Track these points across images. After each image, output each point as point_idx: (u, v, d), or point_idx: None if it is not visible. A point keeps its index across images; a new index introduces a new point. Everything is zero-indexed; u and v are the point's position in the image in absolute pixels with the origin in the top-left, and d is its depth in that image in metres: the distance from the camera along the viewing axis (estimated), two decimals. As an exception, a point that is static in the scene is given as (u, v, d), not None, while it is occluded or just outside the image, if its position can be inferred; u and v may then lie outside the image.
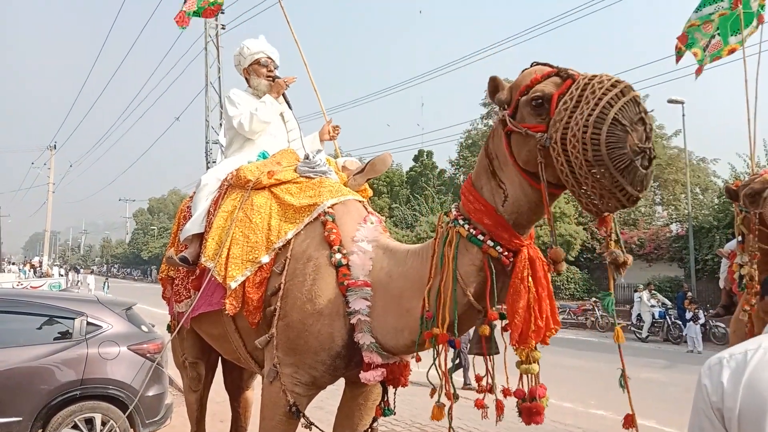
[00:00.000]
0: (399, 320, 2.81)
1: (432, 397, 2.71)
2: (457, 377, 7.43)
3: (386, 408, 3.19)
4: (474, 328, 2.68)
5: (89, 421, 5.21)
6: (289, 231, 3.22)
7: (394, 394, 3.23)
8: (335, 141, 4.43)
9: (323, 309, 2.95)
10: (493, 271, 2.53)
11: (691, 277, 21.68)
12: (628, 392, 2.47)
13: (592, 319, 21.01)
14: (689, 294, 18.88)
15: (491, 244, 2.52)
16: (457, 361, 8.09)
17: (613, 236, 2.33)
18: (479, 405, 2.63)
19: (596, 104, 2.13)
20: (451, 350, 2.67)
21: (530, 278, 2.46)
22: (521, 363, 2.47)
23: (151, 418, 5.44)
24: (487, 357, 2.66)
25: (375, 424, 3.39)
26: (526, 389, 2.48)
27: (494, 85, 2.52)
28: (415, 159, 40.68)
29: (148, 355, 5.51)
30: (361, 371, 2.94)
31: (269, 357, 3.08)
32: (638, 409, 2.58)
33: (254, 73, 4.09)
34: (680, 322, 17.90)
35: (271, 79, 4.08)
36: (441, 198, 34.72)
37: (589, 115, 2.12)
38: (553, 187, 2.37)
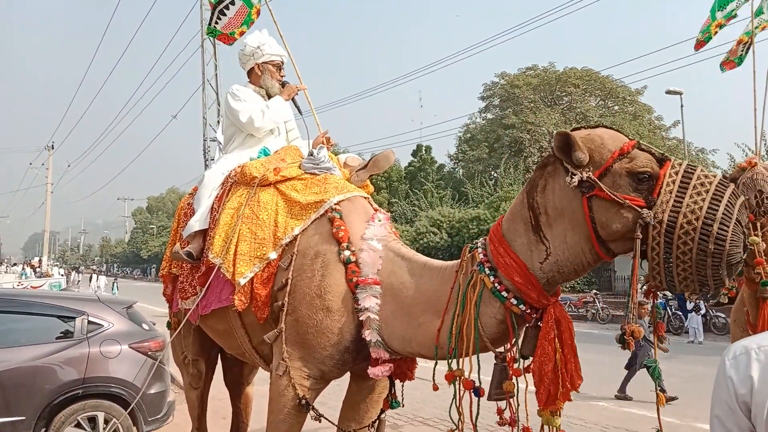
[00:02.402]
0: (408, 330, 2.84)
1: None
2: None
3: (393, 401, 3.24)
4: (494, 375, 2.70)
5: (92, 420, 5.22)
6: (296, 227, 3.23)
7: (402, 387, 3.25)
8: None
9: (332, 305, 2.98)
10: (515, 325, 2.55)
11: (691, 267, 21.66)
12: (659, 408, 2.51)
13: (593, 311, 21.02)
14: (689, 285, 18.89)
15: (514, 302, 2.52)
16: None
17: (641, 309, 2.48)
18: None
19: (716, 199, 2.23)
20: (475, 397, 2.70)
21: (557, 340, 2.46)
22: (543, 415, 2.52)
23: (153, 416, 5.45)
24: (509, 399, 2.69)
25: (383, 416, 3.41)
26: None
27: (566, 141, 2.39)
28: (414, 154, 40.62)
29: (149, 353, 5.51)
30: (369, 366, 2.97)
31: (278, 351, 3.10)
32: (641, 400, 2.60)
33: (267, 73, 4.06)
34: (681, 313, 17.92)
35: (281, 82, 4.08)
36: (440, 193, 34.68)
37: (711, 209, 2.21)
38: (612, 256, 2.45)
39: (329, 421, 3.28)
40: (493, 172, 36.01)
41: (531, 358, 2.56)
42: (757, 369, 1.33)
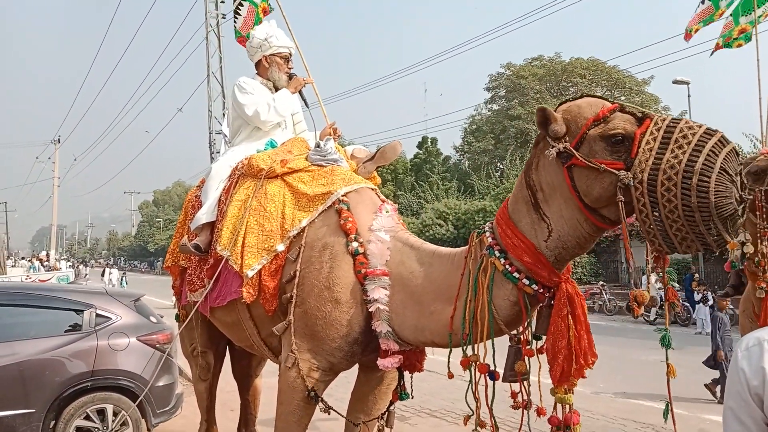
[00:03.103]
0: (420, 319, 2.84)
1: (465, 424, 2.77)
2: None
3: (403, 392, 3.25)
4: (508, 357, 2.70)
5: (101, 412, 5.25)
6: (303, 219, 3.24)
7: (411, 379, 3.25)
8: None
9: (341, 296, 2.98)
10: (528, 305, 2.55)
11: (699, 259, 21.61)
12: (674, 423, 2.52)
13: (600, 302, 20.99)
14: (696, 276, 18.84)
15: (527, 282, 2.52)
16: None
17: (661, 278, 2.44)
18: None
19: (697, 151, 2.16)
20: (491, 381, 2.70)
21: (570, 316, 2.46)
22: (557, 393, 2.52)
23: (162, 408, 5.48)
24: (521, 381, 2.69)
25: (392, 407, 3.42)
26: (561, 417, 2.55)
27: (544, 115, 2.43)
28: (419, 146, 40.54)
29: (157, 345, 5.54)
30: (379, 358, 2.97)
31: (287, 343, 3.11)
32: (647, 390, 2.62)
33: (275, 65, 4.04)
34: (688, 304, 17.88)
35: (288, 74, 4.06)
36: (446, 185, 34.63)
37: (691, 161, 2.15)
38: (609, 223, 2.40)
39: (338, 413, 3.30)
40: (499, 164, 35.93)
41: (544, 339, 2.56)
42: None
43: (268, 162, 3.50)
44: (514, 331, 2.69)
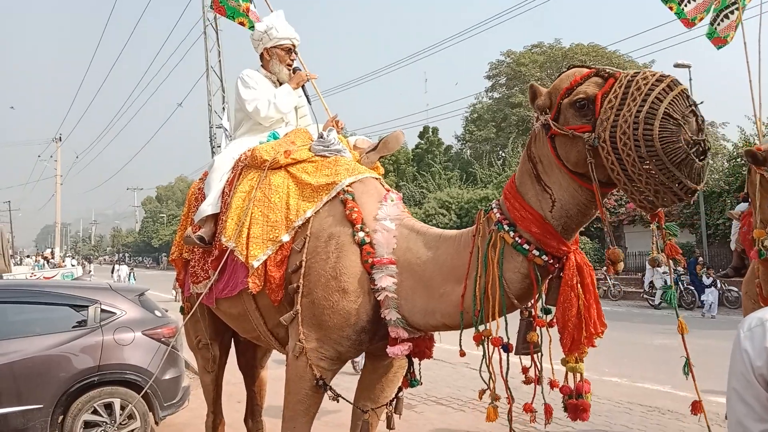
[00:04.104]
0: (430, 302, 2.85)
1: (480, 398, 2.76)
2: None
3: (413, 379, 3.25)
4: (520, 330, 2.71)
5: (108, 406, 5.28)
6: (308, 209, 3.24)
7: (419, 365, 3.27)
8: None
9: (348, 286, 2.99)
10: (539, 277, 2.56)
11: (702, 242, 21.59)
12: (694, 380, 2.53)
13: (605, 288, 20.99)
14: (700, 259, 18.83)
15: (537, 253, 2.53)
16: None
17: (659, 240, 2.41)
18: (528, 409, 2.70)
19: (644, 100, 2.15)
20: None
21: (579, 285, 2.48)
22: (568, 362, 2.54)
23: (169, 401, 5.51)
24: (533, 355, 2.70)
25: (400, 394, 3.43)
26: (572, 386, 2.57)
27: (533, 92, 2.52)
28: (421, 136, 40.48)
29: (163, 339, 5.56)
30: (388, 345, 2.98)
31: (294, 333, 3.12)
32: (653, 374, 2.64)
33: (276, 58, 4.00)
34: (693, 288, 17.87)
35: (290, 67, 4.02)
36: (448, 174, 34.59)
37: (638, 111, 2.15)
38: (603, 186, 2.38)
39: (347, 401, 3.32)
40: (500, 152, 35.87)
41: (554, 311, 2.58)
42: None
43: (271, 153, 3.49)
44: (526, 306, 2.70)
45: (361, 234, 3.04)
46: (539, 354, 2.70)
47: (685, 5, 5.54)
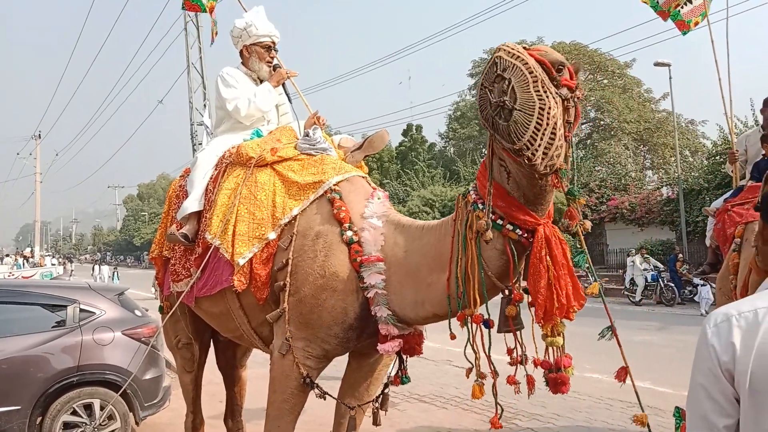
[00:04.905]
0: (418, 294, 2.87)
1: (468, 376, 2.78)
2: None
3: (404, 376, 3.25)
4: (501, 307, 2.72)
5: (88, 407, 5.22)
6: (295, 207, 3.24)
7: (405, 362, 3.28)
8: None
9: (337, 285, 3.00)
10: (515, 252, 2.59)
11: (682, 239, 21.84)
12: (620, 345, 2.57)
13: (586, 285, 21.13)
14: (680, 256, 19.05)
15: (510, 227, 2.57)
16: None
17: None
18: (511, 381, 2.72)
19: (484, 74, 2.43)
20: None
21: (548, 257, 2.50)
22: (546, 336, 2.57)
23: (149, 401, 5.46)
24: (515, 332, 2.71)
25: (387, 391, 3.43)
26: (552, 361, 2.60)
27: None
28: (404, 134, 40.48)
29: (143, 339, 5.50)
30: (378, 343, 2.99)
31: (281, 331, 3.12)
32: (634, 370, 2.65)
33: (255, 55, 3.95)
34: (673, 285, 18.08)
35: (270, 65, 3.98)
36: (431, 172, 34.65)
37: (482, 84, 2.42)
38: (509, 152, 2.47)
39: (333, 398, 3.33)
40: (484, 150, 35.89)
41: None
42: (738, 336, 1.32)
43: (257, 150, 3.48)
44: (507, 286, 2.71)
45: (349, 233, 3.05)
46: (521, 330, 2.71)
47: (682, 7, 5.59)
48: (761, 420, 1.27)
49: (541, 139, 2.30)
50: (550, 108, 2.30)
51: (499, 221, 2.57)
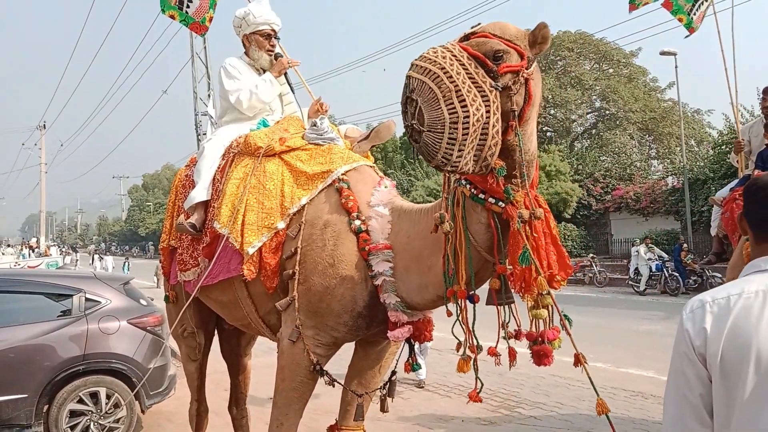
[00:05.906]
0: (422, 277, 2.89)
1: (458, 351, 2.78)
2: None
3: (414, 363, 3.25)
4: (490, 281, 2.73)
5: (94, 395, 5.27)
6: (303, 197, 3.25)
7: (411, 348, 3.29)
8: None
9: (346, 273, 3.02)
10: (499, 226, 2.60)
11: (687, 229, 21.80)
12: (568, 334, 2.54)
13: (590, 275, 21.18)
14: (685, 246, 19.02)
15: (493, 201, 2.57)
16: None
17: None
18: (492, 353, 2.71)
19: None
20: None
21: (527, 227, 2.50)
22: (533, 308, 2.55)
23: (155, 390, 5.51)
24: (501, 306, 2.71)
25: (394, 378, 3.45)
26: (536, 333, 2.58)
27: None
28: (409, 123, 40.31)
29: (148, 328, 5.54)
30: (389, 330, 3.00)
31: (290, 319, 3.13)
32: (639, 360, 2.65)
33: (255, 44, 3.93)
34: (677, 275, 18.06)
35: (271, 54, 3.97)
36: (436, 161, 34.50)
37: None
38: None
39: (342, 385, 3.35)
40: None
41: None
42: (710, 321, 1.40)
43: (265, 140, 3.48)
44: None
45: (357, 222, 3.06)
46: (512, 304, 2.71)
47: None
48: (732, 401, 1.34)
49: (460, 150, 2.33)
50: (468, 117, 2.31)
51: (481, 195, 2.59)
